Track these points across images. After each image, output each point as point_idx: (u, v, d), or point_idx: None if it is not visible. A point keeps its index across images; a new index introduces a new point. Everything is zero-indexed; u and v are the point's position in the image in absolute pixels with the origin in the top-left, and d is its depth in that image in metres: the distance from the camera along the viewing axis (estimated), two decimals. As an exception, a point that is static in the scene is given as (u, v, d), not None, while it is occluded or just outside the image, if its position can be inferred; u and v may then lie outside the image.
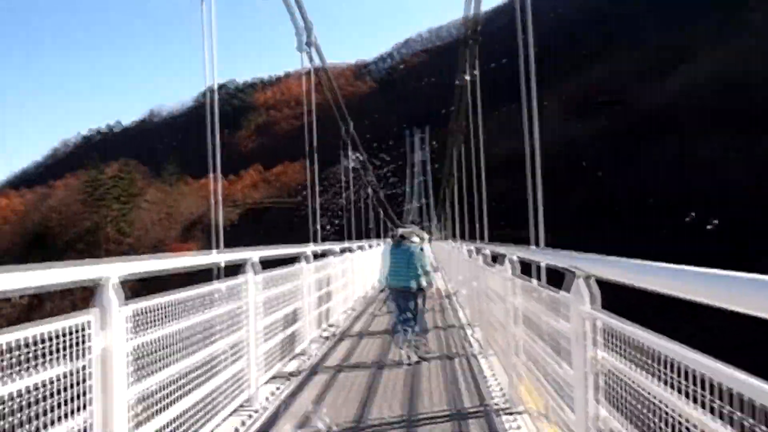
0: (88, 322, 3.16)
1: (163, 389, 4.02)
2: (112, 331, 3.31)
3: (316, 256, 10.59)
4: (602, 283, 3.11)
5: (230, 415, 5.49)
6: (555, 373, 4.06)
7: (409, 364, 8.34)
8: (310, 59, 13.27)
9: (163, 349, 4.05)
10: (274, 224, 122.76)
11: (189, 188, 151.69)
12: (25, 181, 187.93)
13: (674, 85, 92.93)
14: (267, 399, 6.57)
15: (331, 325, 11.56)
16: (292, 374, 7.81)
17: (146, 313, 3.82)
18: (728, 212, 65.19)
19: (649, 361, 2.44)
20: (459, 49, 15.24)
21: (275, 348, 7.30)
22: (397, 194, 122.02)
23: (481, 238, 13.08)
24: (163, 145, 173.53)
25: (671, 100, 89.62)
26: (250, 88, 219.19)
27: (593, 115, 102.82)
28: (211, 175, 8.25)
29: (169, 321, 4.15)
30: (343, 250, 13.63)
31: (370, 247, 20.52)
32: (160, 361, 3.99)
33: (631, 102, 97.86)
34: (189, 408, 4.42)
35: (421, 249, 9.35)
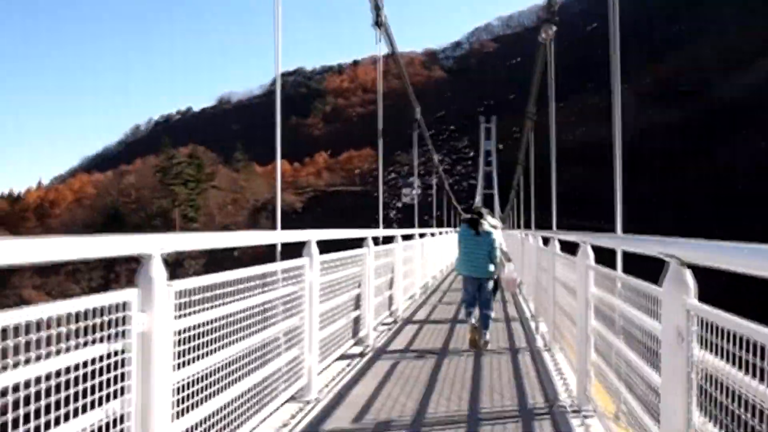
0: (129, 302, 2.82)
1: (212, 375, 3.70)
2: (154, 311, 2.96)
3: (378, 242, 10.18)
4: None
5: (283, 404, 5.22)
6: (637, 376, 3.64)
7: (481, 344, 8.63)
8: (377, 40, 13.03)
9: (213, 333, 3.71)
10: (341, 211, 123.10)
11: (256, 174, 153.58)
12: (96, 165, 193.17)
13: (757, 76, 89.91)
14: (324, 388, 6.29)
15: (392, 313, 11.26)
16: (351, 362, 7.54)
17: (194, 293, 3.45)
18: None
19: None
20: (538, 32, 14.75)
21: (334, 335, 6.99)
22: (466, 183, 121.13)
23: (550, 227, 12.57)
24: (232, 132, 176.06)
25: (752, 91, 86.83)
26: (320, 75, 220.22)
27: (672, 104, 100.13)
28: (278, 156, 8.01)
29: (220, 302, 3.81)
30: (406, 237, 13.08)
31: (433, 235, 20.11)
32: (208, 345, 3.64)
33: (712, 92, 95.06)
34: (238, 396, 4.10)
35: (493, 237, 9.26)
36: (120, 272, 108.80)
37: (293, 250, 5.79)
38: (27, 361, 2.23)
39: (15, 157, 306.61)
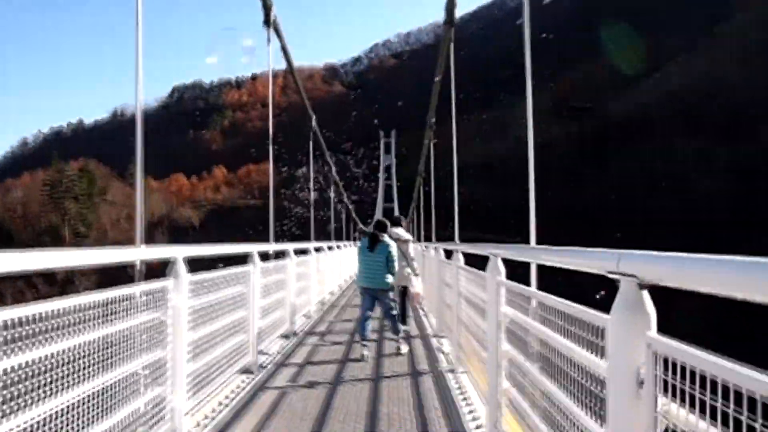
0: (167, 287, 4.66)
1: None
2: (180, 293, 4.83)
3: (266, 257, 9.28)
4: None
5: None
6: (571, 424, 2.94)
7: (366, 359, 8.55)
8: (268, 40, 12.32)
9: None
10: (240, 226, 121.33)
11: (151, 189, 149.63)
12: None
13: (647, 93, 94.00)
14: (194, 429, 5.36)
15: (285, 334, 10.40)
16: (231, 395, 6.63)
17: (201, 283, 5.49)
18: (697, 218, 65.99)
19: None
20: (439, 43, 14.61)
21: (209, 365, 6.04)
22: (367, 198, 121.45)
23: (450, 240, 12.10)
24: (126, 145, 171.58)
25: (643, 107, 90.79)
26: (218, 88, 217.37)
27: (566, 120, 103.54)
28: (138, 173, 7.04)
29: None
30: (300, 251, 12.47)
31: (330, 249, 19.23)
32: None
33: (604, 108, 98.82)
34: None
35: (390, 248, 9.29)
36: (5, 292, 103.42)
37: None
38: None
39: None
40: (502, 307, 4.64)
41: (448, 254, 9.45)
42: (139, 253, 4.84)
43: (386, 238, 9.29)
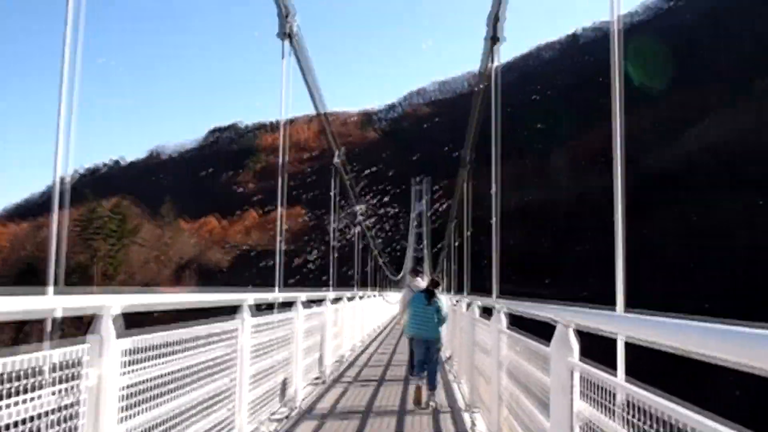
0: (85, 349, 3.20)
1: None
2: (106, 364, 3.30)
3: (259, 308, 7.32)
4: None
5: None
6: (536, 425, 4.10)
7: (424, 407, 9.05)
8: (283, 55, 10.74)
9: (157, 387, 4.04)
10: (270, 269, 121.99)
11: (182, 230, 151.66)
12: (19, 214, 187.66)
13: (688, 145, 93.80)
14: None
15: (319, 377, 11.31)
16: (279, 425, 7.69)
17: (143, 350, 3.82)
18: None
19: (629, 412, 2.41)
20: (473, 95, 15.03)
21: (263, 396, 7.11)
22: (398, 246, 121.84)
23: (483, 292, 11.72)
24: (161, 186, 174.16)
25: (684, 159, 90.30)
26: (253, 131, 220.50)
27: (604, 170, 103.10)
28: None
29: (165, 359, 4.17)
30: (312, 302, 11.08)
31: (359, 298, 18.23)
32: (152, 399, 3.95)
33: (644, 159, 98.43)
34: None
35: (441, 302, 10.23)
36: (29, 331, 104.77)
37: (219, 311, 5.65)
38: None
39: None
40: (502, 351, 5.71)
41: (487, 311, 8.42)
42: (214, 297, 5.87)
43: (437, 293, 10.25)
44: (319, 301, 11.90)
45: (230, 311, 5.99)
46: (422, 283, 11.32)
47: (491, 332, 6.67)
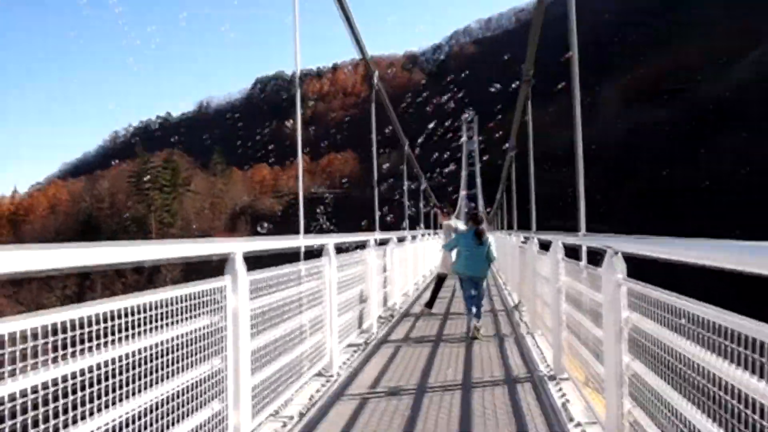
0: (224, 286, 4.10)
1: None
2: (240, 293, 4.24)
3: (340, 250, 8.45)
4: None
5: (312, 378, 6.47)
6: (592, 336, 4.89)
7: (473, 337, 9.49)
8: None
9: (273, 310, 5.16)
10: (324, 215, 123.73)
11: (236, 179, 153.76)
12: (75, 172, 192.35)
13: (742, 73, 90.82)
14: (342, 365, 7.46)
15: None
16: (357, 349, 8.69)
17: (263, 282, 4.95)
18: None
19: (673, 319, 3.00)
20: (518, 36, 14.40)
21: (347, 323, 8.13)
22: (448, 184, 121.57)
23: (529, 228, 13.18)
24: (211, 137, 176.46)
25: (738, 88, 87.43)
26: (300, 79, 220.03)
27: (656, 103, 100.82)
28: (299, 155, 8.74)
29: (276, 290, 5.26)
30: (382, 242, 12.13)
31: (415, 238, 18.70)
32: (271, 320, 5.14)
33: (696, 90, 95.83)
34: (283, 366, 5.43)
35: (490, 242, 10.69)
36: (95, 280, 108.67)
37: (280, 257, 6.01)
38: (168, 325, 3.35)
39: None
40: (561, 277, 6.48)
41: (528, 241, 10.81)
42: (303, 241, 6.84)
43: (486, 233, 10.73)
44: (383, 242, 12.42)
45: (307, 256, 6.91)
46: (459, 224, 12.10)
47: (551, 262, 7.23)
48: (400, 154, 24.72)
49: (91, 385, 2.65)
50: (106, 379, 2.75)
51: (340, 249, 7.81)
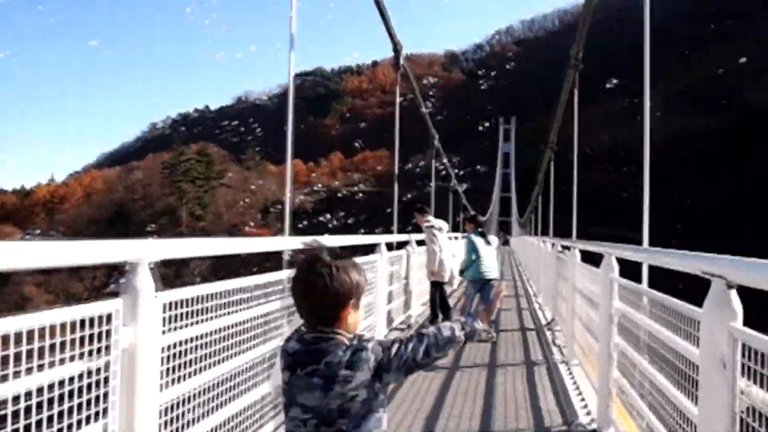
0: (116, 311, 2.57)
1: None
2: (141, 324, 2.70)
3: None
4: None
5: None
6: (668, 402, 3.34)
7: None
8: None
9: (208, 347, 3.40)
10: (355, 212, 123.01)
11: (269, 173, 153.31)
12: (112, 162, 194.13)
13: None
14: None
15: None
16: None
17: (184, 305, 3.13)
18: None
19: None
20: (561, 37, 13.68)
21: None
22: (483, 186, 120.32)
23: (570, 235, 11.80)
24: (247, 131, 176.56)
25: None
26: (338, 75, 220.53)
27: (704, 109, 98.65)
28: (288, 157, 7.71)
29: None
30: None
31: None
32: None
33: (745, 97, 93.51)
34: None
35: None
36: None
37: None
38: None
39: (34, 154, 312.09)
40: (615, 302, 4.98)
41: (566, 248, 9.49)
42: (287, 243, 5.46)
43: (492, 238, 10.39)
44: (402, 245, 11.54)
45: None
46: (441, 223, 11.19)
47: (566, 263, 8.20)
48: (436, 153, 23.95)
49: None
50: None
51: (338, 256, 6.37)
